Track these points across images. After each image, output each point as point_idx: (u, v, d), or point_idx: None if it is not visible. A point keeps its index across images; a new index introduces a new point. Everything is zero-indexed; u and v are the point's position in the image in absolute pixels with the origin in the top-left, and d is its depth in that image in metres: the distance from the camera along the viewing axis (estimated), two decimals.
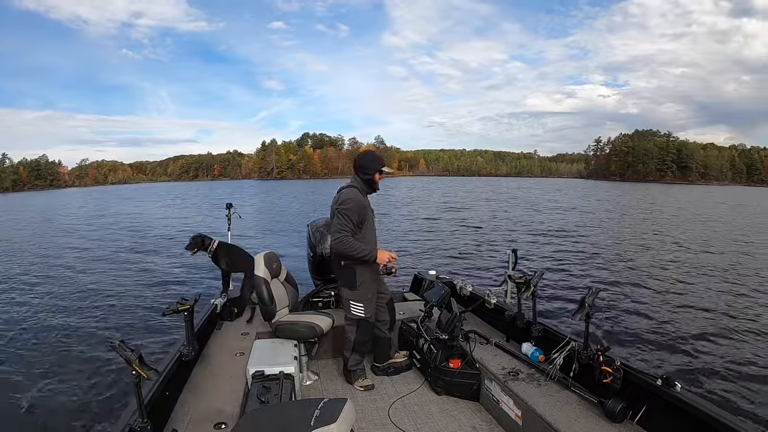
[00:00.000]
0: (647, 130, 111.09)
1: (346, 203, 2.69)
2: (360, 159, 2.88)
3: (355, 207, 2.69)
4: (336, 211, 2.70)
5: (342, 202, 2.70)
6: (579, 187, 62.34)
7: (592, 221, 19.75)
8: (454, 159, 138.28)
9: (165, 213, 25.51)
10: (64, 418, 3.77)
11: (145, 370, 1.59)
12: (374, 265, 2.85)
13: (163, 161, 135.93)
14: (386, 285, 3.14)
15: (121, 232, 16.90)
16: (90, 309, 6.79)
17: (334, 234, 2.67)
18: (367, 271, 2.82)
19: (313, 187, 57.39)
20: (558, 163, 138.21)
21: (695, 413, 1.80)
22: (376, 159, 2.88)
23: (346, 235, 2.64)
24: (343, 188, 2.83)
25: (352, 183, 2.84)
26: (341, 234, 2.64)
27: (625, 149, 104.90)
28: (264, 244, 12.48)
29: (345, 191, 2.78)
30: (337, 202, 2.73)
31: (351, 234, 2.67)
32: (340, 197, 2.75)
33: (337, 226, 2.66)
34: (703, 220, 21.22)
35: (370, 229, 2.84)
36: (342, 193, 2.77)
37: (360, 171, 2.83)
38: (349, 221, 2.66)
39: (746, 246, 13.19)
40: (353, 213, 2.67)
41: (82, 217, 24.87)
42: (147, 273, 9.38)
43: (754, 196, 50.07)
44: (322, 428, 1.38)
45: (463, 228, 16.70)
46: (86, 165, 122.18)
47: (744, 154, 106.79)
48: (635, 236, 15.08)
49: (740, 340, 5.53)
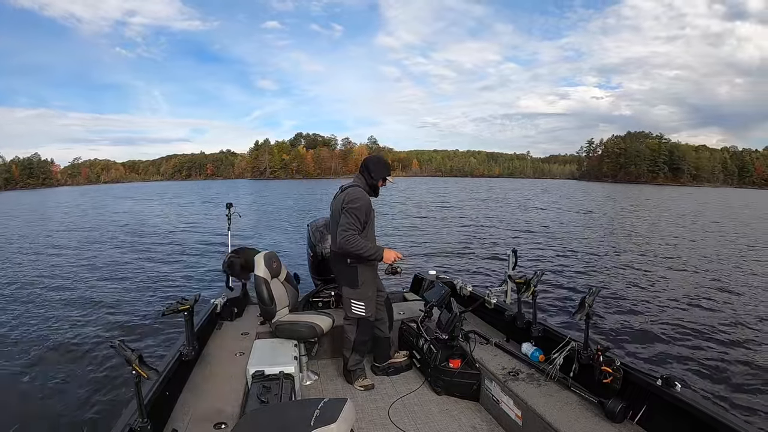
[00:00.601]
0: (639, 132, 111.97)
1: (354, 202, 2.67)
2: (369, 162, 2.86)
3: (363, 206, 2.68)
4: (344, 209, 2.68)
5: (351, 201, 2.68)
6: (571, 188, 62.43)
7: (592, 221, 19.76)
8: (447, 159, 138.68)
9: (164, 212, 25.51)
10: (64, 418, 3.77)
11: (145, 370, 1.59)
12: (375, 265, 2.85)
13: (156, 160, 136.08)
14: (383, 284, 3.14)
15: (120, 231, 16.90)
16: (90, 309, 6.78)
17: (341, 233, 2.65)
18: (368, 270, 2.82)
19: (307, 187, 57.42)
20: (551, 164, 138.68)
21: (695, 413, 1.80)
22: (385, 166, 2.87)
23: (353, 233, 2.63)
24: (347, 187, 2.81)
25: (356, 182, 2.82)
26: (348, 232, 2.62)
27: (617, 151, 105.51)
28: (263, 244, 12.48)
29: (353, 190, 2.76)
30: (345, 200, 2.71)
31: (358, 233, 2.66)
32: (347, 196, 2.72)
33: (345, 225, 2.64)
34: (702, 220, 21.23)
35: (371, 229, 2.83)
36: (349, 192, 2.74)
37: (366, 172, 2.82)
38: (357, 220, 2.65)
39: (746, 246, 13.19)
40: (361, 212, 2.67)
41: (80, 215, 24.86)
42: (147, 273, 9.37)
43: (755, 198, 50.13)
44: (322, 428, 1.38)
45: (463, 228, 16.70)
46: (79, 164, 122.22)
47: (736, 156, 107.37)
48: (635, 237, 15.08)
49: (741, 340, 5.54)
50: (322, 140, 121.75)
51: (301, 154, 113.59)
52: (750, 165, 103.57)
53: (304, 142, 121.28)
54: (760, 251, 12.31)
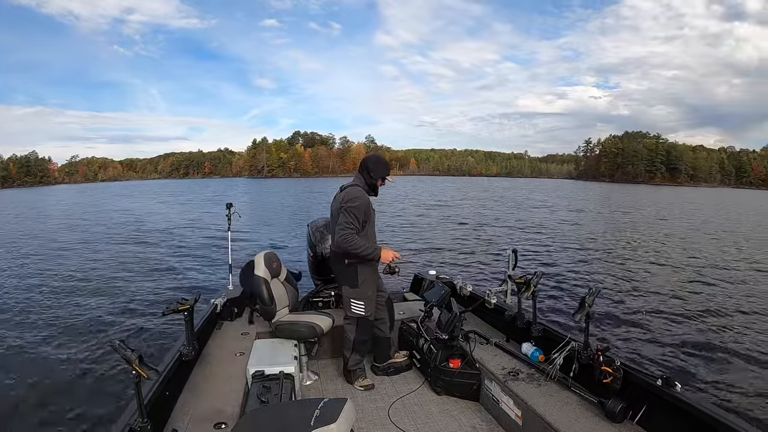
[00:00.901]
0: (637, 132, 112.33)
1: (353, 201, 2.68)
2: (368, 160, 2.88)
3: (362, 205, 2.68)
4: (342, 208, 2.68)
5: (350, 200, 2.68)
6: (568, 187, 62.40)
7: (592, 222, 19.76)
8: (445, 159, 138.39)
9: (164, 211, 25.47)
10: (64, 417, 3.76)
11: (145, 370, 1.59)
12: (375, 264, 2.84)
13: (154, 159, 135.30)
14: (384, 284, 3.14)
15: (120, 231, 16.88)
16: (90, 309, 6.78)
17: (339, 231, 2.65)
18: (368, 269, 2.82)
19: (305, 186, 57.31)
20: (548, 163, 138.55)
21: (695, 413, 1.80)
22: (384, 165, 2.88)
23: (351, 232, 2.63)
24: (346, 186, 2.82)
25: (356, 182, 2.83)
26: (346, 231, 2.63)
27: (615, 150, 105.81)
28: (263, 244, 12.48)
29: (351, 189, 2.76)
30: (344, 199, 2.71)
31: (356, 232, 2.66)
32: (346, 195, 2.73)
33: (343, 224, 2.64)
34: (703, 220, 21.23)
35: (371, 229, 2.83)
36: (348, 191, 2.75)
37: (365, 172, 2.83)
38: (355, 219, 2.65)
39: (746, 247, 13.20)
40: (360, 211, 2.67)
41: (80, 214, 24.83)
42: (147, 273, 9.36)
43: (750, 198, 50.17)
44: (322, 428, 1.38)
45: (463, 228, 16.69)
46: (76, 162, 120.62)
47: (733, 157, 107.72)
48: (634, 237, 15.09)
49: (741, 340, 5.54)
50: (319, 139, 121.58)
51: (299, 153, 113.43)
52: (747, 165, 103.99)
53: (302, 140, 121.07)
54: (760, 253, 12.31)
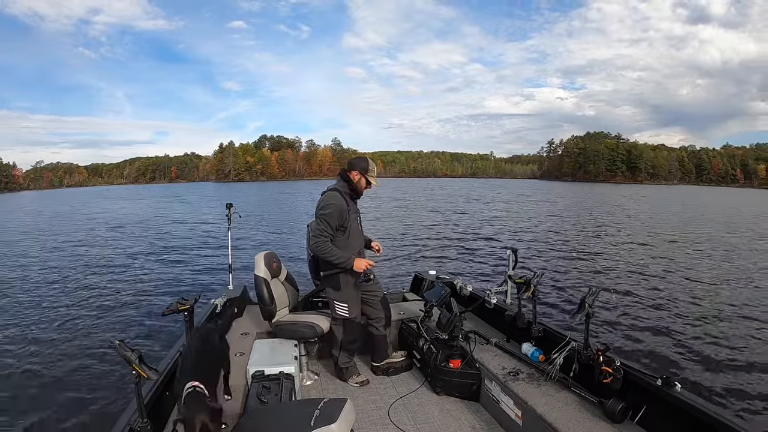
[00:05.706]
0: (599, 132, 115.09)
1: (325, 208, 2.72)
2: (349, 162, 2.93)
3: (334, 212, 2.71)
4: (315, 215, 2.75)
5: (322, 207, 2.73)
6: (528, 186, 62.78)
7: (591, 222, 19.75)
8: (411, 161, 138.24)
9: (164, 211, 25.49)
10: (64, 418, 3.76)
11: (145, 370, 1.59)
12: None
13: (120, 164, 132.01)
14: (380, 283, 3.13)
15: (120, 231, 16.89)
16: (90, 309, 6.78)
17: (312, 238, 2.73)
18: (350, 272, 2.84)
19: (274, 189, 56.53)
20: (513, 164, 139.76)
21: (695, 413, 1.80)
22: (362, 158, 2.93)
23: (324, 240, 2.69)
24: (324, 192, 2.85)
25: (335, 186, 2.86)
26: (319, 239, 2.69)
27: (577, 150, 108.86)
28: (261, 245, 12.49)
29: (326, 195, 2.81)
30: (318, 206, 2.76)
31: (330, 239, 2.71)
32: (320, 201, 2.78)
33: (316, 231, 2.71)
34: (703, 220, 21.22)
35: (354, 232, 2.85)
36: (322, 198, 2.80)
37: (345, 173, 2.87)
38: (327, 226, 2.70)
39: (747, 248, 13.19)
40: (332, 218, 2.71)
41: (75, 217, 24.81)
42: (147, 273, 9.37)
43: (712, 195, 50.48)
44: (322, 428, 1.39)
45: (463, 228, 16.69)
46: (41, 167, 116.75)
47: (693, 155, 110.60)
48: (634, 237, 15.07)
49: (741, 340, 5.53)
50: (286, 142, 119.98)
51: (266, 156, 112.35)
52: (707, 163, 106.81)
53: (269, 144, 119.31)
54: (759, 252, 12.31)
